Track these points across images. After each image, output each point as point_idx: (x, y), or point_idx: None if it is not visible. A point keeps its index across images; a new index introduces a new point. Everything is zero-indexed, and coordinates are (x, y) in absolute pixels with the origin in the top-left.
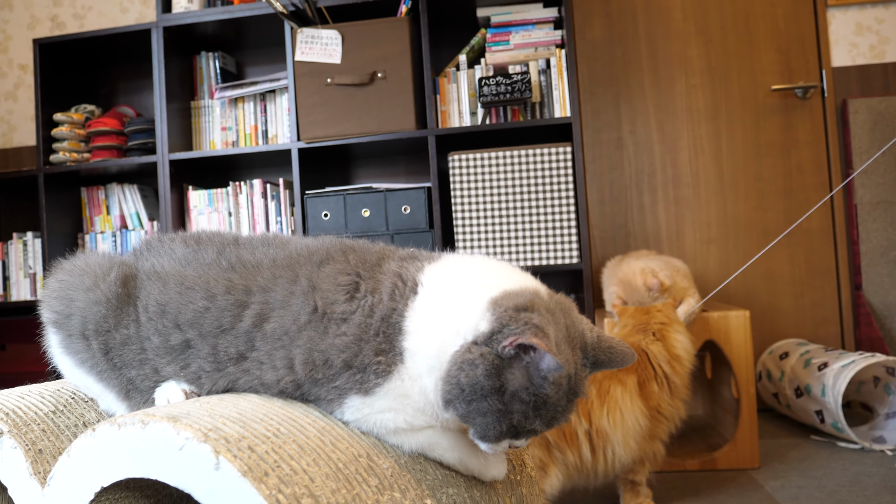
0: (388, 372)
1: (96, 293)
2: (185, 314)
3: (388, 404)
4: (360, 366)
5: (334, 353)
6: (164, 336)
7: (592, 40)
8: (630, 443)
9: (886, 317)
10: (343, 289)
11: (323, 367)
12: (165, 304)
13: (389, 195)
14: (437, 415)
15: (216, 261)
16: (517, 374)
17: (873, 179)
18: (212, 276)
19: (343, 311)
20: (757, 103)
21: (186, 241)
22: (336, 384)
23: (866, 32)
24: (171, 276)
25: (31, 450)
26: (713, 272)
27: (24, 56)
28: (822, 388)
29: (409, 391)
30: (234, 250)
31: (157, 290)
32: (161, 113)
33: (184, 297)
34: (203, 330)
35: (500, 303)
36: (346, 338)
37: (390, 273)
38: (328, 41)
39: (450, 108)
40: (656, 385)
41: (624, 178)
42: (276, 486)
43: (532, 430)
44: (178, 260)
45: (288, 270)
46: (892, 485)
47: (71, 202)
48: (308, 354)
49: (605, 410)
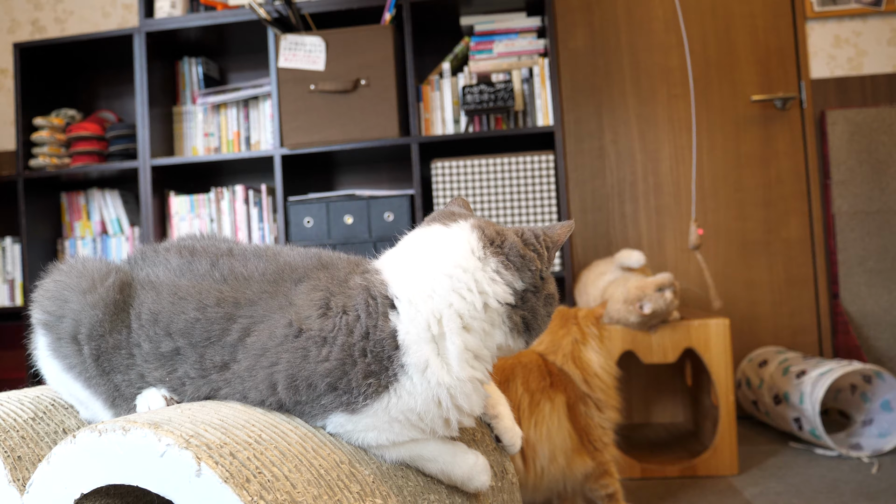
0: (379, 393)
1: (94, 296)
2: (176, 323)
3: (374, 423)
4: (345, 388)
5: (318, 377)
6: (155, 343)
7: (575, 50)
8: (558, 458)
9: (863, 325)
10: (315, 304)
11: (307, 390)
12: (158, 313)
13: (373, 202)
14: (436, 426)
15: (209, 272)
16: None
17: (851, 190)
18: (205, 287)
19: (320, 329)
20: (737, 114)
21: (181, 251)
22: (322, 403)
23: (844, 45)
24: (165, 285)
25: (9, 457)
26: (694, 280)
27: (3, 60)
28: (801, 395)
29: (409, 406)
30: (228, 261)
31: (150, 298)
32: (143, 118)
33: (176, 306)
34: (193, 339)
35: (501, 251)
36: (330, 363)
37: (358, 288)
38: (312, 48)
39: (433, 116)
40: (582, 405)
41: (606, 187)
42: (257, 493)
43: None
44: (173, 270)
45: (272, 285)
46: (868, 491)
47: (51, 207)
48: (291, 380)
49: (532, 422)
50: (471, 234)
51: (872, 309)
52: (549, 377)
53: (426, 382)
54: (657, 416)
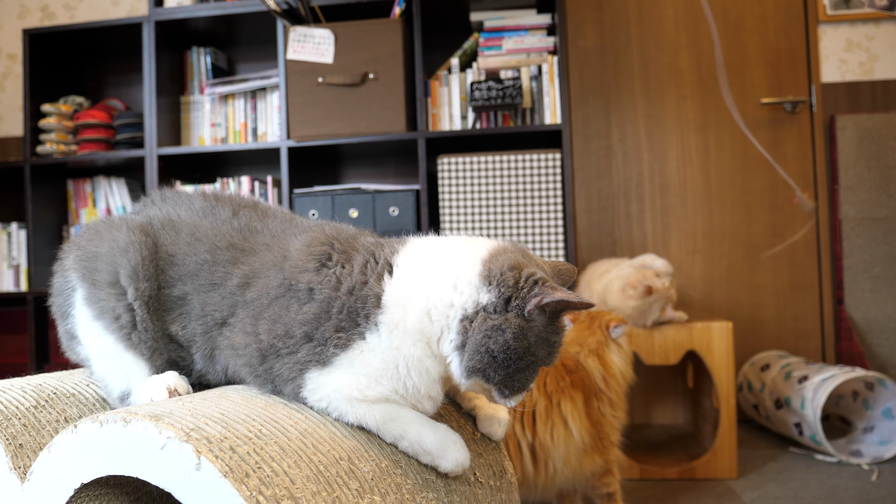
0: (347, 344)
1: (130, 238)
2: (187, 265)
3: (343, 374)
4: (319, 339)
5: (296, 325)
6: (170, 287)
7: (585, 48)
8: (571, 459)
9: (867, 332)
10: (315, 258)
11: (284, 337)
12: (174, 255)
13: (378, 196)
14: (398, 387)
15: (229, 219)
16: (539, 324)
17: (858, 195)
18: (223, 231)
19: (309, 281)
20: (746, 116)
21: (206, 196)
22: (297, 356)
23: (856, 49)
24: (186, 225)
25: (11, 444)
26: (698, 282)
27: (13, 46)
28: (802, 400)
29: (369, 361)
30: (249, 213)
31: (169, 240)
32: (150, 107)
33: (191, 248)
34: (198, 283)
35: (493, 268)
36: (308, 314)
37: (364, 248)
38: (321, 40)
39: (440, 112)
40: (596, 400)
41: (612, 187)
42: (256, 488)
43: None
44: (196, 211)
45: (273, 239)
46: (867, 498)
47: (57, 194)
48: (272, 324)
49: (549, 425)
50: (484, 249)
51: (877, 316)
52: (567, 375)
53: (390, 342)
54: (657, 418)
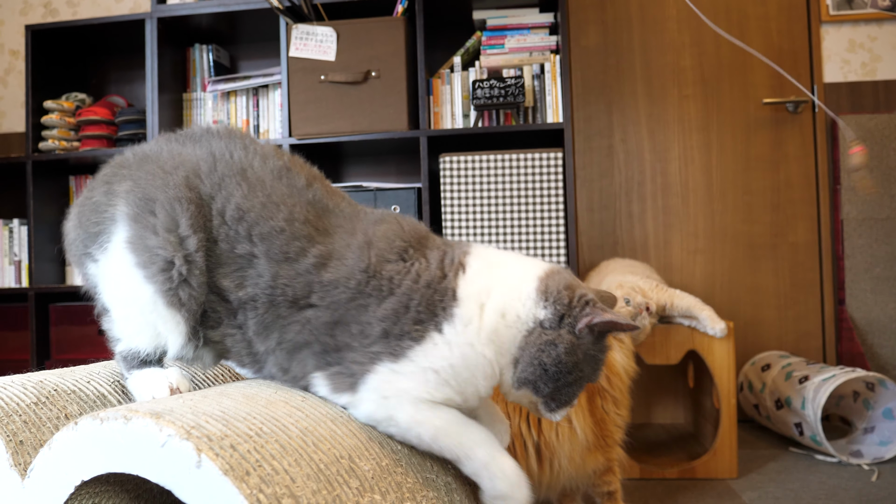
0: (423, 336)
1: (183, 186)
2: (260, 226)
3: (413, 370)
4: (398, 333)
5: (375, 321)
6: (231, 243)
7: (587, 47)
8: (576, 457)
9: (868, 332)
10: (396, 251)
11: (360, 336)
12: (246, 212)
13: (379, 194)
14: (465, 389)
15: (304, 190)
16: (587, 342)
17: (860, 196)
18: (299, 201)
19: (391, 271)
20: (748, 116)
21: (279, 154)
22: (372, 350)
23: (859, 49)
24: (260, 183)
25: (11, 441)
26: (699, 282)
27: (15, 42)
28: (803, 400)
29: (443, 354)
30: (321, 188)
31: (240, 193)
32: (152, 104)
33: (267, 210)
34: (271, 249)
35: (550, 286)
36: (386, 310)
37: (436, 246)
38: (323, 38)
39: (443, 110)
40: (599, 398)
41: (613, 186)
42: (256, 486)
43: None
44: (271, 170)
45: (349, 222)
46: (867, 499)
47: (59, 190)
48: (348, 324)
49: (554, 424)
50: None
51: (878, 316)
52: None
53: (465, 336)
54: (657, 417)
